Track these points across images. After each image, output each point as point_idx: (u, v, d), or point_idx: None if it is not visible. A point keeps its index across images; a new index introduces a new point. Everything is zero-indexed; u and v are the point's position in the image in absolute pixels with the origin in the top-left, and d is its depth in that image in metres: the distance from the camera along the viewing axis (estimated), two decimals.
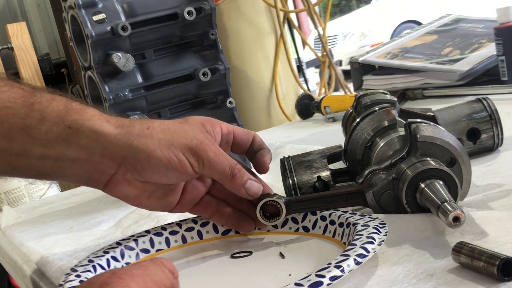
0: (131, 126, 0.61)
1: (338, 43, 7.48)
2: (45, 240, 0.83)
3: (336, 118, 1.32)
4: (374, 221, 0.57)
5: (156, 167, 0.60)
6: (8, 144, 0.58)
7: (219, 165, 0.61)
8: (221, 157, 0.61)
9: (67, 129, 0.59)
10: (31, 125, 0.58)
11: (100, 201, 1.03)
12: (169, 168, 0.60)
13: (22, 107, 0.58)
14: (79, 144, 0.59)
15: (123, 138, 0.60)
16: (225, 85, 1.00)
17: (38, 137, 0.58)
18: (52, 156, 0.59)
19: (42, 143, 0.59)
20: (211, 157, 0.60)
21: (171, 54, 0.98)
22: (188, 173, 0.61)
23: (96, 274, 0.59)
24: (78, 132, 0.59)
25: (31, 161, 0.60)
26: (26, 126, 0.58)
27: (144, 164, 0.60)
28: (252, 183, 0.62)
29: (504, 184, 0.68)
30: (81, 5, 0.90)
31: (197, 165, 0.61)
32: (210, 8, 0.97)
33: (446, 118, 0.78)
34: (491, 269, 0.45)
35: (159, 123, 0.62)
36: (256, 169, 0.68)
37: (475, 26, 1.52)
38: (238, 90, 2.26)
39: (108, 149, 0.59)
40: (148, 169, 0.60)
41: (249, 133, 0.68)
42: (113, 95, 0.92)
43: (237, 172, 0.61)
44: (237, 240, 0.68)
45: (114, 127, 0.60)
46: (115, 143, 0.59)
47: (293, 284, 0.46)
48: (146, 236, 0.67)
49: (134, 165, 0.60)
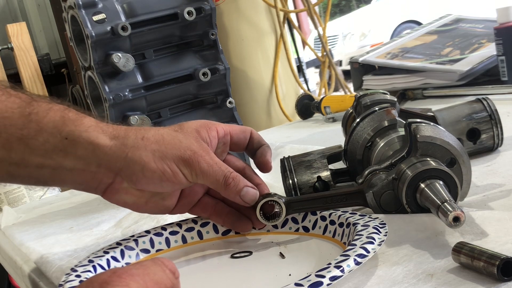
0: (126, 137, 0.62)
1: (338, 43, 7.47)
2: (45, 240, 0.83)
3: (336, 118, 1.32)
4: (374, 221, 0.57)
5: (150, 179, 0.61)
6: (6, 154, 0.59)
7: (212, 176, 0.62)
8: (214, 167, 0.62)
9: (64, 140, 0.60)
10: (28, 135, 0.59)
11: (100, 201, 1.03)
12: (163, 179, 0.61)
13: (19, 118, 0.59)
14: (75, 154, 0.60)
15: (118, 150, 0.61)
16: (225, 85, 1.00)
17: (36, 147, 0.59)
18: (49, 166, 0.60)
19: (40, 153, 0.59)
20: (204, 168, 0.61)
21: (171, 54, 0.98)
22: (182, 183, 0.62)
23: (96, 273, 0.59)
24: (75, 143, 0.60)
25: (29, 170, 0.60)
26: (24, 137, 0.59)
27: (139, 176, 0.61)
28: (247, 191, 0.63)
29: (504, 184, 0.68)
30: (81, 5, 0.90)
31: (190, 175, 0.62)
32: (210, 8, 0.97)
33: (446, 118, 0.78)
34: (491, 269, 0.45)
35: (153, 133, 0.63)
36: (259, 169, 0.69)
37: (475, 26, 1.52)
38: (238, 90, 2.26)
39: (104, 160, 0.61)
40: (143, 180, 0.62)
41: (246, 131, 0.69)
42: (113, 95, 0.91)
43: (231, 181, 0.62)
44: (237, 240, 0.68)
45: (109, 138, 0.61)
46: (111, 155, 0.61)
47: (293, 284, 0.46)
48: (146, 236, 0.67)
49: (130, 177, 0.62)
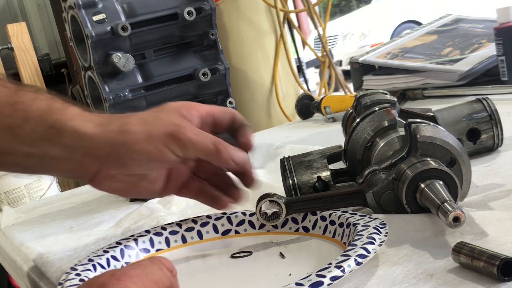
0: (109, 123, 0.62)
1: (338, 43, 7.47)
2: (45, 240, 0.83)
3: (336, 118, 1.31)
4: (375, 222, 0.57)
5: (137, 161, 0.61)
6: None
7: (202, 144, 0.61)
8: (201, 136, 0.61)
9: (50, 129, 0.60)
10: (15, 124, 0.59)
11: (100, 201, 1.03)
12: (151, 159, 0.61)
13: (6, 106, 0.59)
14: (61, 143, 0.60)
15: (103, 137, 0.61)
16: (225, 85, 1.00)
17: (23, 136, 0.59)
18: (36, 154, 0.60)
19: (27, 142, 0.60)
20: (192, 137, 0.61)
21: (171, 54, 0.98)
22: (170, 161, 0.62)
23: (96, 273, 0.59)
24: (61, 132, 0.60)
25: (16, 158, 0.61)
26: (11, 125, 0.59)
27: (126, 159, 0.61)
28: (237, 153, 0.63)
29: (504, 184, 0.68)
30: (81, 5, 0.90)
31: (179, 149, 0.61)
32: (210, 8, 0.97)
33: (446, 118, 0.78)
34: (491, 269, 0.45)
35: (135, 117, 0.63)
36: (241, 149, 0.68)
37: (475, 26, 1.52)
38: (238, 90, 2.26)
39: (89, 147, 0.61)
40: (130, 164, 0.62)
41: (228, 112, 0.68)
42: (113, 95, 0.92)
43: (222, 147, 0.62)
44: (237, 240, 0.68)
45: (94, 126, 0.61)
46: (96, 142, 0.61)
47: (293, 284, 0.46)
48: (146, 236, 0.67)
49: (116, 161, 0.62)
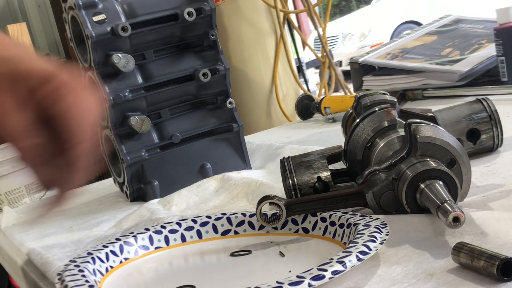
0: None
1: (338, 44, 7.47)
2: (45, 240, 0.83)
3: (336, 119, 1.32)
4: (375, 221, 0.57)
5: None
6: None
7: None
8: None
9: None
10: None
11: (100, 201, 1.03)
12: None
13: None
14: None
15: None
16: (225, 85, 1.00)
17: None
18: None
19: None
20: None
21: (171, 55, 0.98)
22: None
23: (95, 266, 0.60)
24: None
25: None
26: None
27: None
28: None
29: (504, 184, 0.68)
30: (81, 5, 0.91)
31: None
32: (210, 9, 0.97)
33: (446, 119, 0.78)
34: (491, 269, 0.45)
35: None
36: None
37: (475, 26, 1.52)
38: (238, 90, 2.26)
39: None
40: None
41: None
42: (113, 96, 0.92)
43: None
44: (236, 240, 0.68)
45: None
46: None
47: (295, 277, 0.46)
48: (146, 234, 0.68)
49: None
